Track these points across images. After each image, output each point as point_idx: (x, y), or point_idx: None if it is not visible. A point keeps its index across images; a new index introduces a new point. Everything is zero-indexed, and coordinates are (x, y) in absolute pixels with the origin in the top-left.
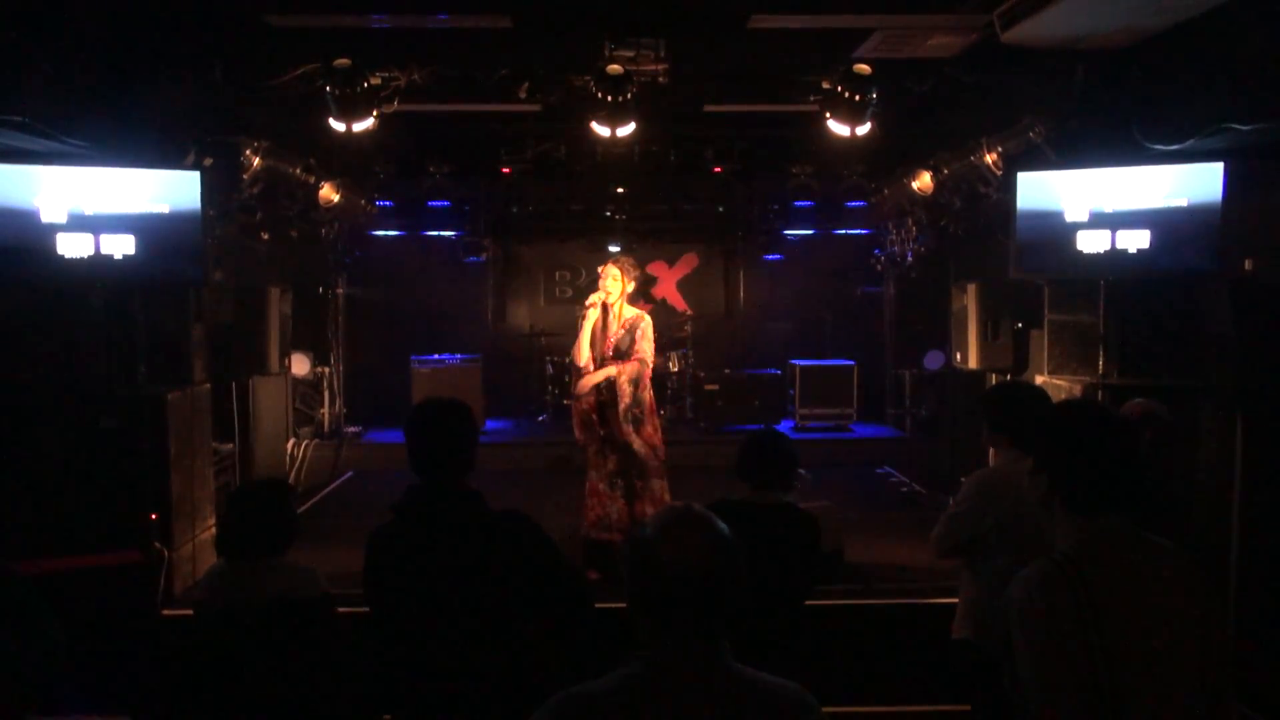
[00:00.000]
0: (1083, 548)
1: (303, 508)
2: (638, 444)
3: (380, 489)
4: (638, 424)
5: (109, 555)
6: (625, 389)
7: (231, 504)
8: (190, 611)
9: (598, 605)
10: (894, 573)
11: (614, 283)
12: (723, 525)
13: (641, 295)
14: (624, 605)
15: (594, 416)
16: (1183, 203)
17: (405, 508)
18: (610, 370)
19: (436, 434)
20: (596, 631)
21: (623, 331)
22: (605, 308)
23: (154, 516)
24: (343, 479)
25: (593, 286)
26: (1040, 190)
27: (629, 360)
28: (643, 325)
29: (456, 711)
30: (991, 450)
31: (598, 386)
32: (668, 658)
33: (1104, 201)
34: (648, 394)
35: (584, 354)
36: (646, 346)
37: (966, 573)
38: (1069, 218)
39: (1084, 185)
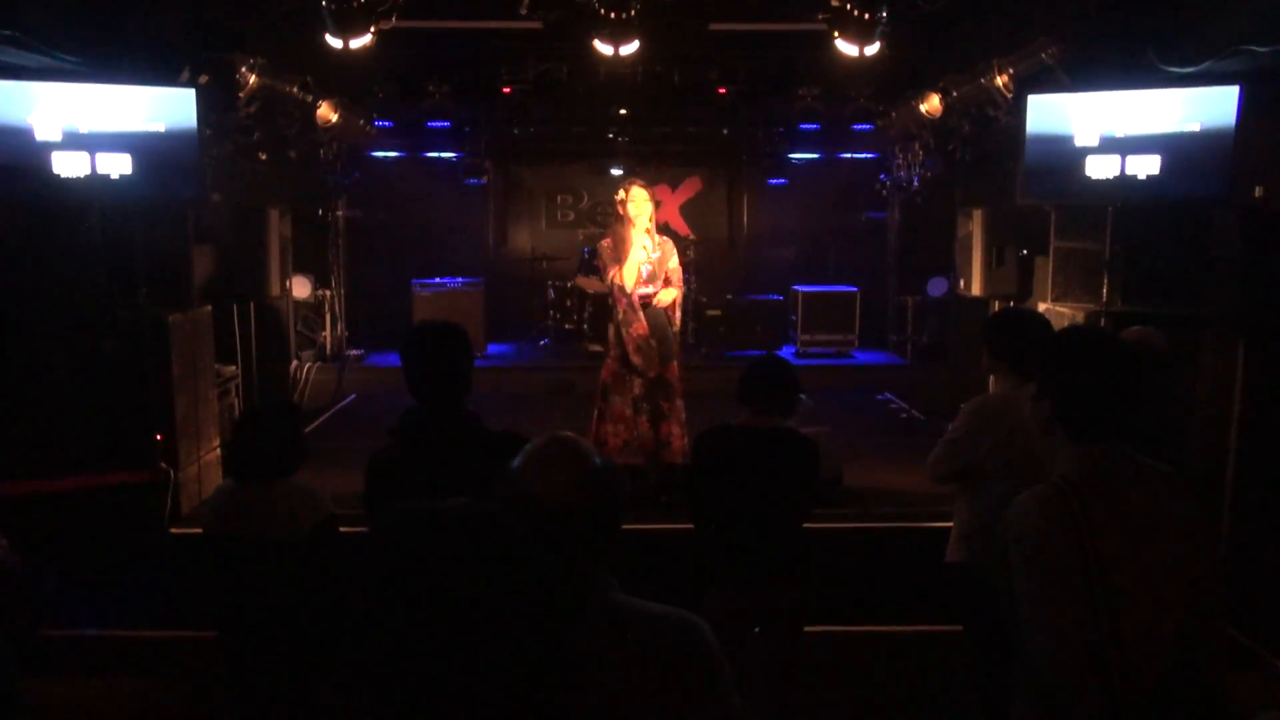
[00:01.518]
0: (1082, 473)
1: (306, 430)
2: (677, 367)
3: (383, 412)
4: (673, 342)
5: (116, 475)
6: (676, 316)
7: (242, 426)
8: (199, 530)
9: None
10: (891, 497)
11: (645, 204)
12: (596, 457)
13: None
14: (644, 526)
15: (652, 342)
16: (1195, 127)
17: (403, 431)
18: (674, 293)
19: (432, 357)
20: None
21: (656, 256)
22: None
23: (159, 437)
24: (345, 402)
25: (595, 210)
26: (1051, 113)
27: (670, 284)
28: (672, 249)
29: None
30: (991, 377)
31: (649, 312)
32: None
33: (1115, 125)
34: None
35: (633, 280)
36: (678, 277)
37: (962, 498)
38: (1079, 142)
39: (1096, 108)
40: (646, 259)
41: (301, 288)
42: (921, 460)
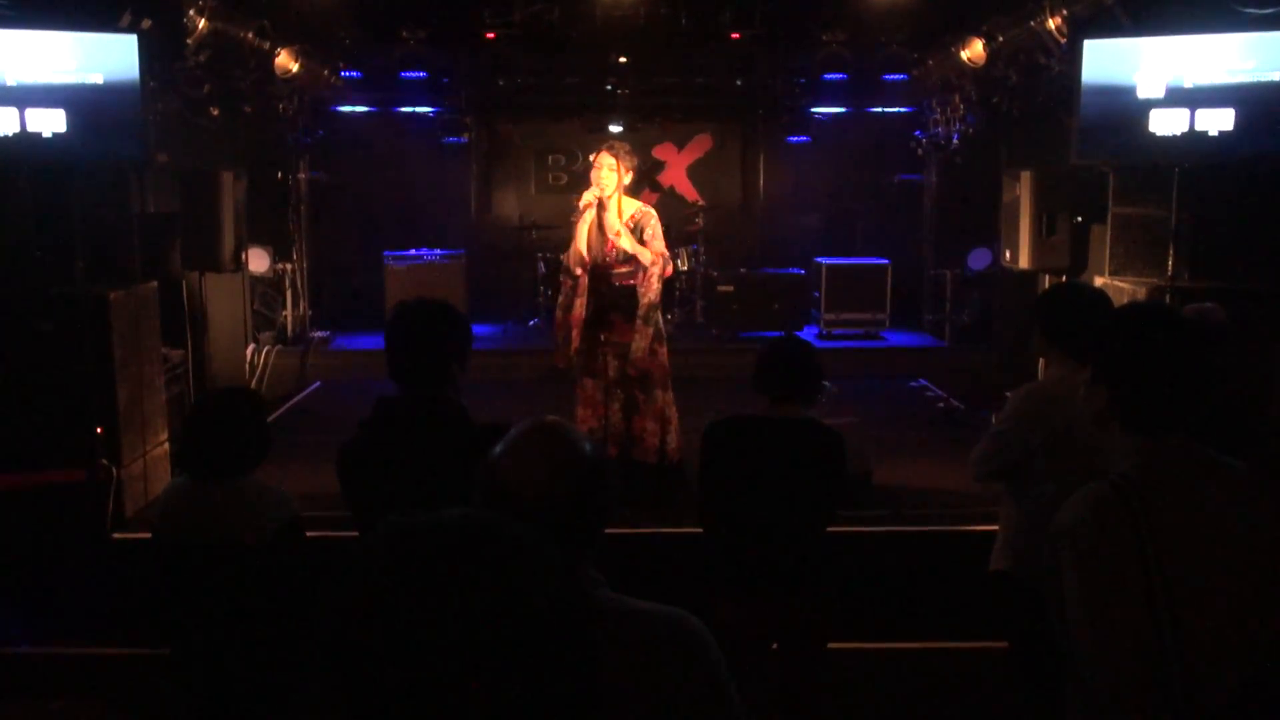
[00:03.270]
0: (1143, 470)
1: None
2: (646, 351)
3: (351, 401)
4: (656, 330)
5: (51, 473)
6: (654, 284)
7: (196, 416)
8: (147, 535)
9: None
10: (927, 498)
11: (609, 174)
12: (583, 443)
13: (647, 183)
14: (621, 529)
15: (575, 332)
16: (1275, 76)
17: (375, 423)
18: (644, 253)
19: (416, 338)
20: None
21: (627, 231)
22: (602, 204)
23: (100, 430)
24: (309, 390)
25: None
26: (1110, 61)
27: (644, 273)
28: (652, 223)
29: None
30: (1042, 362)
31: (599, 290)
32: None
33: (1183, 74)
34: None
35: (583, 260)
36: (660, 245)
37: (1008, 499)
38: (1142, 94)
39: (1161, 55)
40: (605, 239)
41: (259, 261)
42: (962, 455)
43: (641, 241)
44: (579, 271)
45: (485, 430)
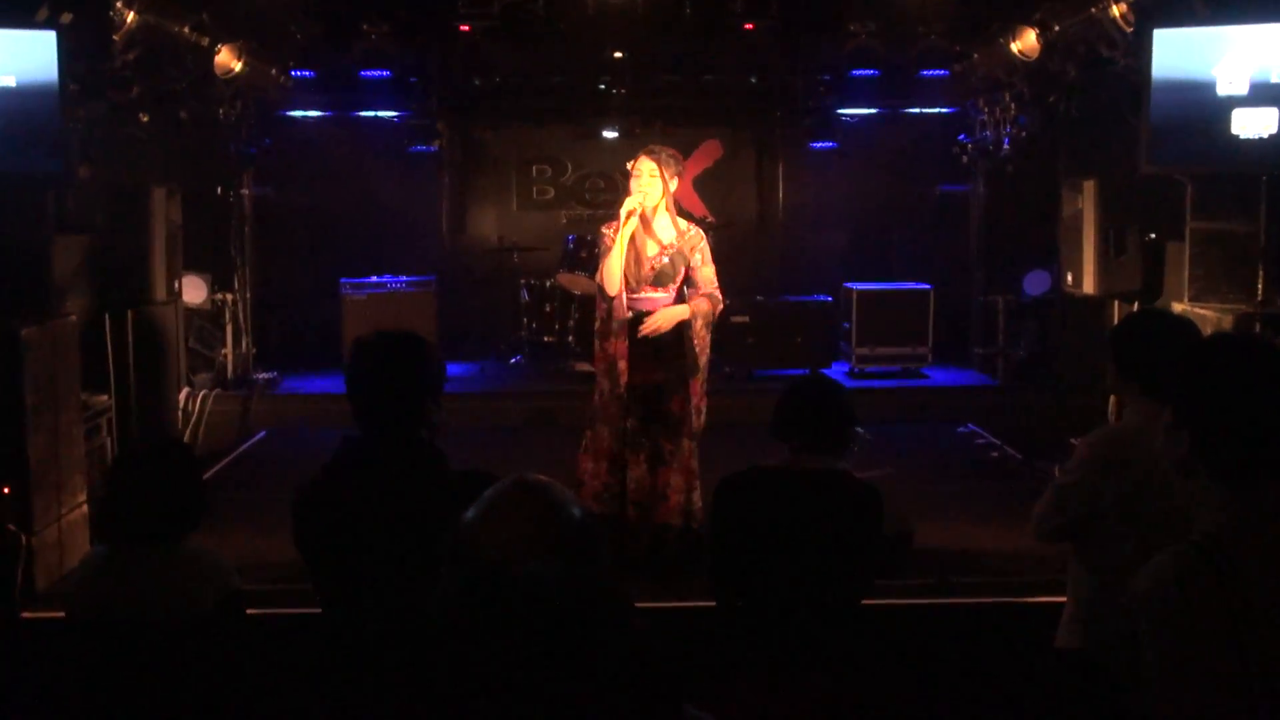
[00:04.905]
0: (1232, 527)
1: (203, 478)
2: (690, 398)
3: (302, 453)
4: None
5: None
6: (703, 335)
7: (120, 473)
8: (62, 613)
9: None
10: (979, 563)
11: (651, 180)
12: (572, 507)
13: None
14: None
15: (621, 364)
16: None
17: (339, 466)
18: (682, 311)
19: (383, 376)
20: None
21: (671, 252)
22: (644, 217)
23: (7, 490)
24: (252, 441)
25: (583, 185)
26: (1184, 53)
27: (695, 294)
28: (702, 245)
29: None
30: (1115, 402)
31: (632, 325)
32: None
33: (1271, 68)
34: None
35: (616, 280)
36: (710, 273)
37: (1077, 564)
38: (1222, 90)
39: (1244, 46)
40: (641, 257)
41: (195, 291)
42: (1019, 513)
43: (689, 266)
44: (613, 293)
45: (463, 477)
